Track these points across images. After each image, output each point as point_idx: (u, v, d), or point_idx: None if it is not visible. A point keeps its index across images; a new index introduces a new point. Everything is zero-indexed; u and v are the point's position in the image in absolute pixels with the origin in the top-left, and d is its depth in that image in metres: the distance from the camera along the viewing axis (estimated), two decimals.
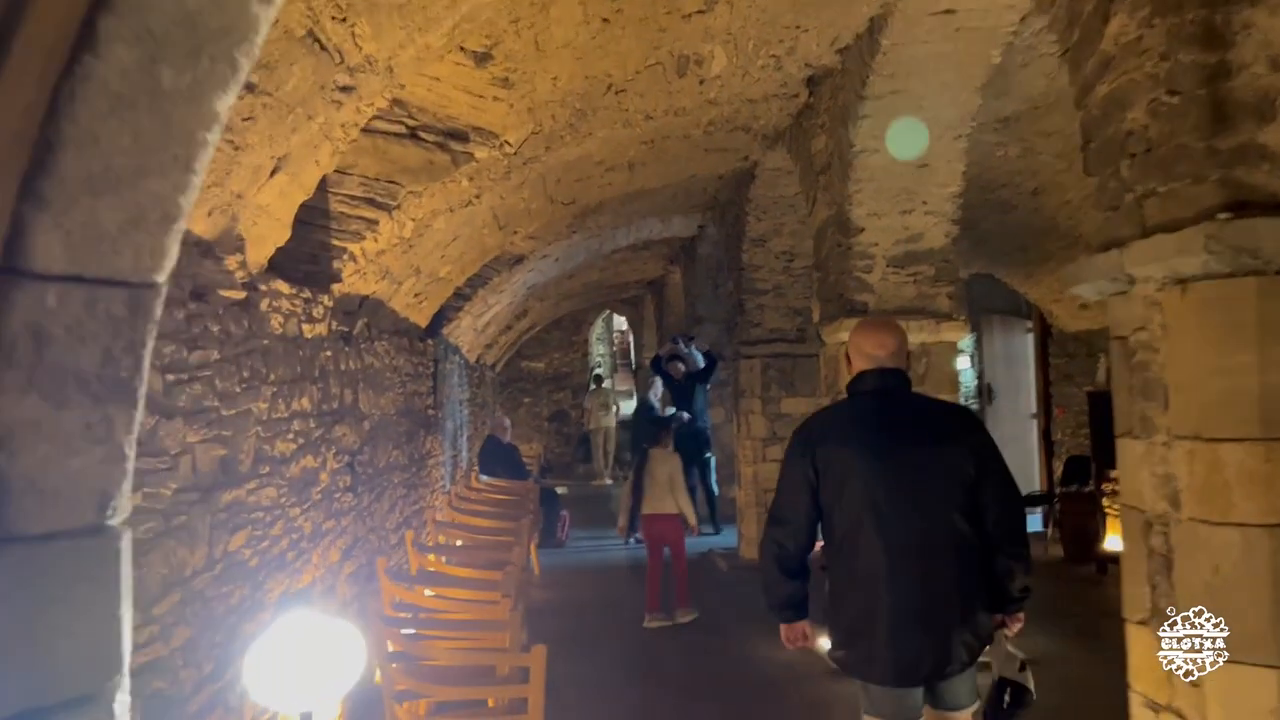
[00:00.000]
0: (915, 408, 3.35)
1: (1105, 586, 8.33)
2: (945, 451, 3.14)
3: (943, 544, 3.09)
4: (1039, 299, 10.88)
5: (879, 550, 3.07)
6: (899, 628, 3.05)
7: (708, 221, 11.37)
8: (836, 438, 3.22)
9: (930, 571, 3.07)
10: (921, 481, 3.11)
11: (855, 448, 3.16)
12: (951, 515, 3.10)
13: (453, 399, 10.66)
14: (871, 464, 3.12)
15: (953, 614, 3.11)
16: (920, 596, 3.06)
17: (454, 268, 7.41)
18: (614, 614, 7.83)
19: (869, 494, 3.10)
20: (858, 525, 3.11)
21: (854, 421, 3.27)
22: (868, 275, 6.27)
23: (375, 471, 5.98)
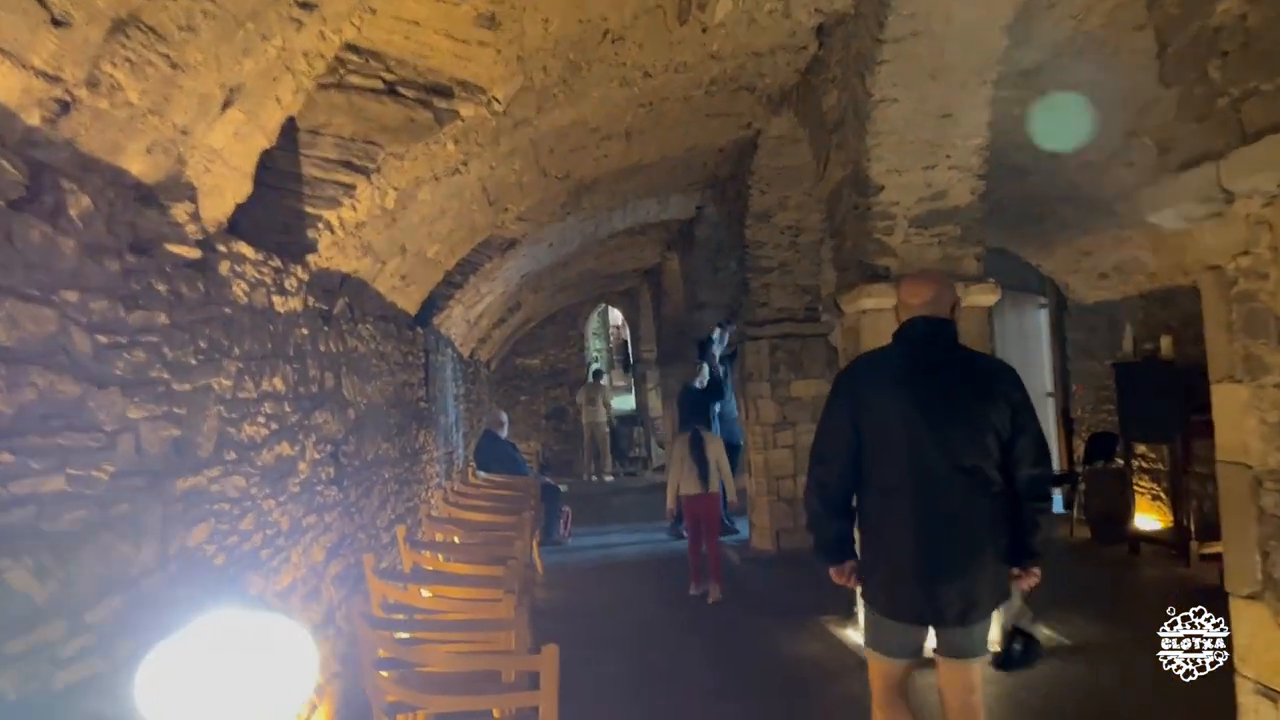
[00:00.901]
0: (957, 358, 3.38)
1: (1140, 568, 7.90)
2: (983, 404, 3.19)
3: (973, 493, 3.14)
4: (1054, 271, 10.43)
5: (912, 495, 3.15)
6: (929, 571, 3.12)
7: (706, 202, 10.91)
8: (877, 381, 3.32)
9: (960, 519, 3.13)
10: (957, 430, 3.16)
11: (894, 392, 3.24)
12: (984, 466, 3.15)
13: (446, 393, 10.18)
14: (909, 409, 3.18)
15: (980, 562, 3.15)
16: (949, 542, 3.13)
17: (442, 247, 6.95)
18: (625, 614, 7.37)
19: (906, 438, 3.17)
20: (893, 468, 3.19)
21: (895, 367, 3.35)
22: (889, 238, 5.82)
23: (363, 464, 5.51)
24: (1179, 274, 8.58)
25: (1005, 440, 3.17)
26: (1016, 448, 3.19)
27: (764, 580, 8.15)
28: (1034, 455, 3.22)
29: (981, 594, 3.16)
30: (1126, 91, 6.67)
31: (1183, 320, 8.55)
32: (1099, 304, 9.98)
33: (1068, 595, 6.88)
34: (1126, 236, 8.79)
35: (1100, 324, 10.00)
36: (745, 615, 7.02)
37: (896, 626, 3.26)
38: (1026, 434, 3.21)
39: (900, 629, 3.26)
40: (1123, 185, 8.09)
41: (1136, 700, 4.83)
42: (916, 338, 3.35)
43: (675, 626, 6.87)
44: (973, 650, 3.25)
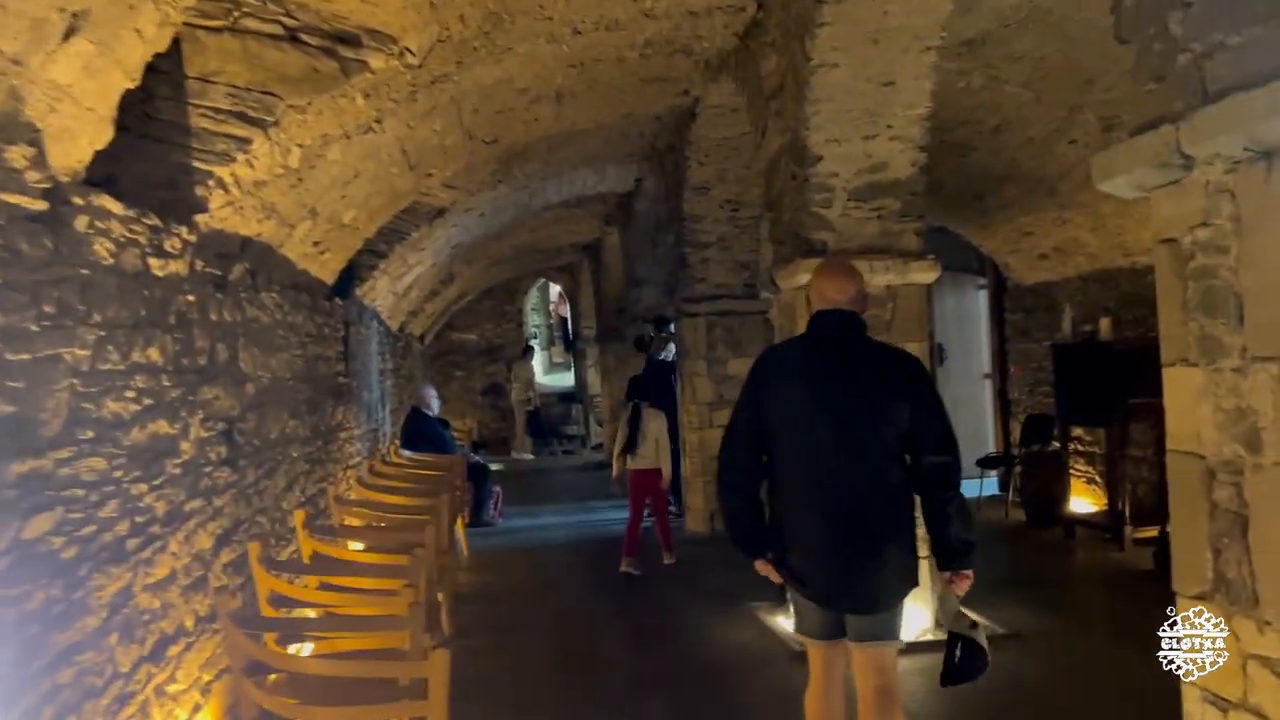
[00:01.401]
0: (864, 353, 3.38)
1: (1075, 551, 7.83)
2: (886, 398, 3.22)
3: (876, 484, 3.19)
4: (994, 251, 10.33)
5: (817, 486, 3.21)
6: (835, 560, 3.18)
7: (645, 174, 10.60)
8: (786, 374, 3.36)
9: (863, 510, 3.17)
10: (860, 425, 3.20)
11: (802, 386, 3.28)
12: (885, 460, 3.20)
13: (370, 368, 9.77)
14: (816, 403, 3.23)
15: (883, 552, 3.17)
16: (853, 533, 3.16)
17: (360, 213, 6.55)
18: (551, 598, 7.09)
19: (813, 431, 3.22)
20: (801, 460, 3.25)
21: (805, 361, 3.39)
22: (826, 211, 5.57)
23: (265, 443, 5.13)
24: (1119, 255, 8.50)
25: (907, 431, 3.20)
26: (919, 438, 3.21)
27: (696, 564, 7.92)
28: (936, 444, 3.22)
29: (886, 584, 3.20)
30: (1072, 65, 6.50)
31: (1121, 302, 8.48)
32: (1038, 285, 9.90)
33: (1002, 580, 6.75)
34: (1067, 217, 8.68)
35: (1039, 305, 9.93)
36: (675, 600, 6.79)
37: (814, 608, 3.30)
38: (929, 424, 3.22)
39: (818, 611, 3.30)
40: (1065, 163, 7.96)
41: (1069, 691, 4.68)
42: (830, 331, 3.37)
43: (602, 611, 6.61)
44: (882, 635, 3.26)
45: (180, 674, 3.62)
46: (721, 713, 4.63)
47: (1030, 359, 10.07)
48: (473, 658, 5.58)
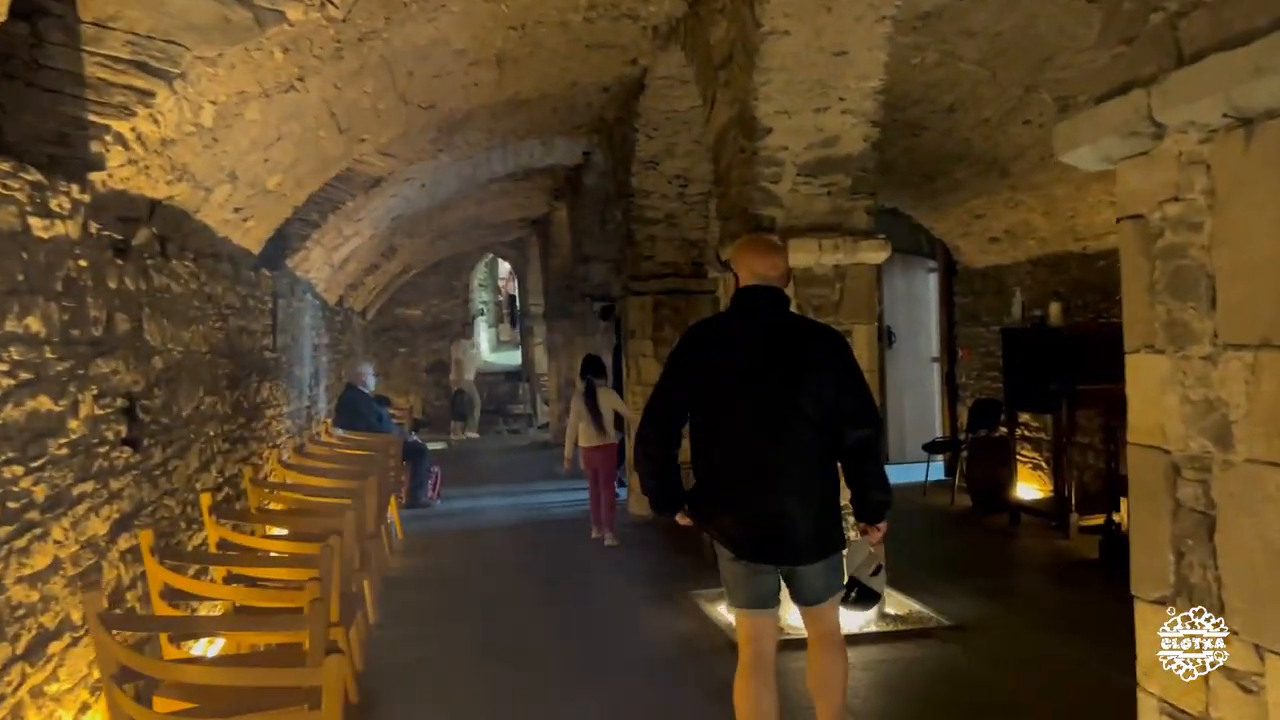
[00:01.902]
0: (789, 327, 3.50)
1: (1020, 538, 7.75)
2: (810, 371, 3.34)
3: (797, 457, 3.29)
4: (945, 233, 10.21)
5: (741, 456, 3.31)
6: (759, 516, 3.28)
7: (594, 147, 10.30)
8: (713, 347, 3.46)
9: (788, 473, 3.28)
10: (784, 399, 3.29)
11: (729, 359, 3.38)
12: (808, 432, 3.30)
13: (304, 342, 9.41)
14: (742, 377, 3.33)
15: (806, 510, 3.29)
16: (777, 493, 3.26)
17: (286, 179, 6.19)
18: (485, 583, 6.83)
19: (736, 404, 3.32)
20: (724, 431, 3.34)
21: (732, 335, 3.47)
22: (775, 186, 5.35)
23: (175, 421, 4.80)
24: (1070, 240, 8.41)
25: (831, 403, 3.31)
26: (842, 409, 3.32)
27: (637, 548, 7.72)
28: (858, 416, 3.35)
29: (814, 534, 3.29)
30: (1029, 40, 6.33)
31: (1071, 287, 8.39)
32: (989, 268, 9.80)
33: (946, 568, 6.65)
34: (1019, 199, 8.57)
35: (989, 289, 9.83)
36: (614, 586, 6.58)
37: (745, 574, 3.35)
38: (851, 396, 3.35)
39: (748, 576, 3.35)
40: (1019, 144, 7.82)
41: (1013, 686, 4.55)
42: (758, 306, 3.47)
43: (537, 597, 6.37)
44: (824, 596, 3.41)
45: (64, 672, 3.32)
46: (652, 708, 4.43)
47: (979, 343, 9.98)
48: (398, 646, 5.32)
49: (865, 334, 5.44)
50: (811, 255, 5.30)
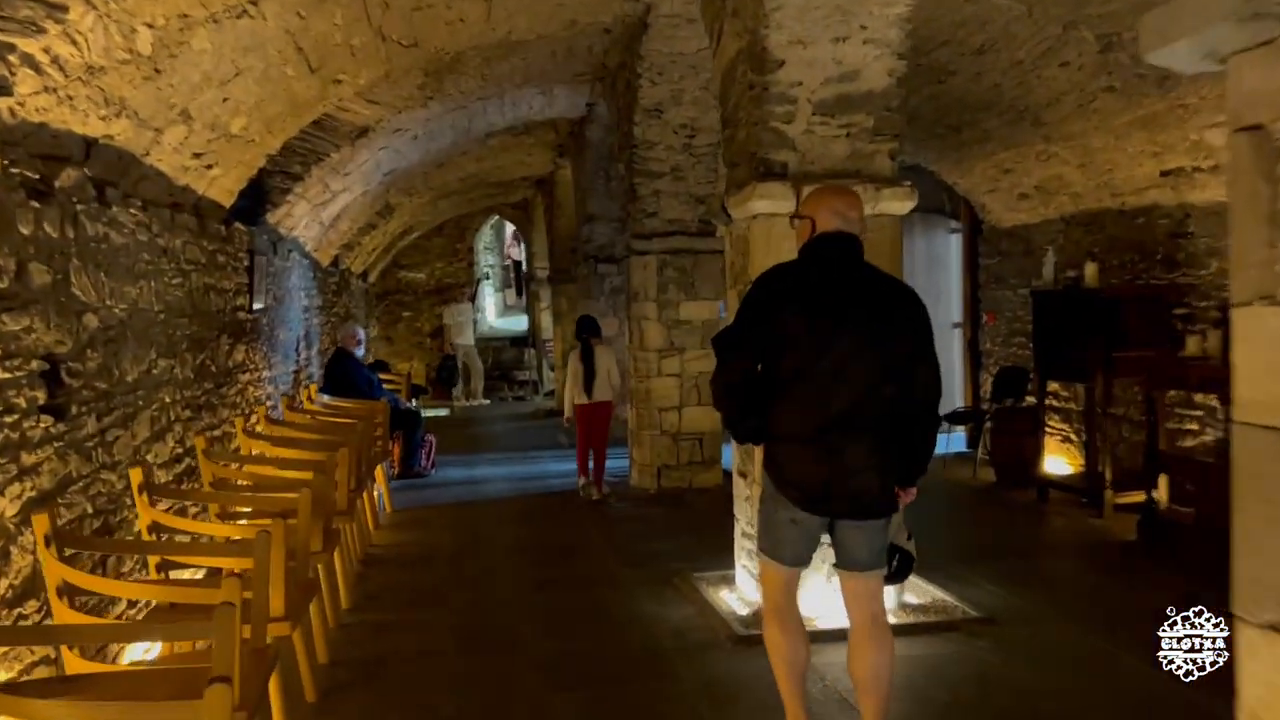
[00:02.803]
0: (867, 278, 3.36)
1: (1049, 516, 7.22)
2: (889, 325, 3.25)
3: (877, 410, 3.22)
4: (970, 190, 9.60)
5: (819, 407, 3.21)
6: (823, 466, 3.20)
7: (597, 99, 9.71)
8: (794, 295, 3.30)
9: (864, 432, 3.21)
10: (868, 352, 3.21)
11: (810, 309, 3.25)
12: (886, 387, 3.23)
13: (291, 304, 8.92)
14: (826, 327, 3.22)
15: (878, 468, 3.23)
16: (851, 447, 3.19)
17: (253, 123, 5.65)
18: (472, 563, 6.36)
19: (819, 354, 3.21)
20: (802, 381, 3.23)
21: (813, 283, 3.31)
22: (787, 126, 4.78)
23: (117, 387, 4.31)
24: (1107, 195, 7.79)
25: (905, 359, 3.23)
26: (917, 375, 3.25)
27: (638, 524, 7.23)
28: (932, 385, 3.29)
29: (878, 493, 3.24)
30: None
31: (1108, 246, 7.80)
32: (1017, 227, 9.20)
33: (970, 549, 6.15)
34: (1052, 152, 7.95)
35: (1016, 249, 9.24)
36: (609, 567, 6.09)
37: (798, 531, 3.30)
38: (926, 363, 3.27)
39: (801, 534, 3.31)
40: (1054, 90, 7.20)
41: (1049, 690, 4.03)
42: (834, 255, 3.32)
43: (527, 579, 5.89)
44: (873, 564, 3.32)
45: None
46: (641, 710, 3.94)
47: (1005, 307, 9.41)
48: (370, 635, 4.86)
49: None
50: None
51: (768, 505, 3.40)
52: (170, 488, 4.38)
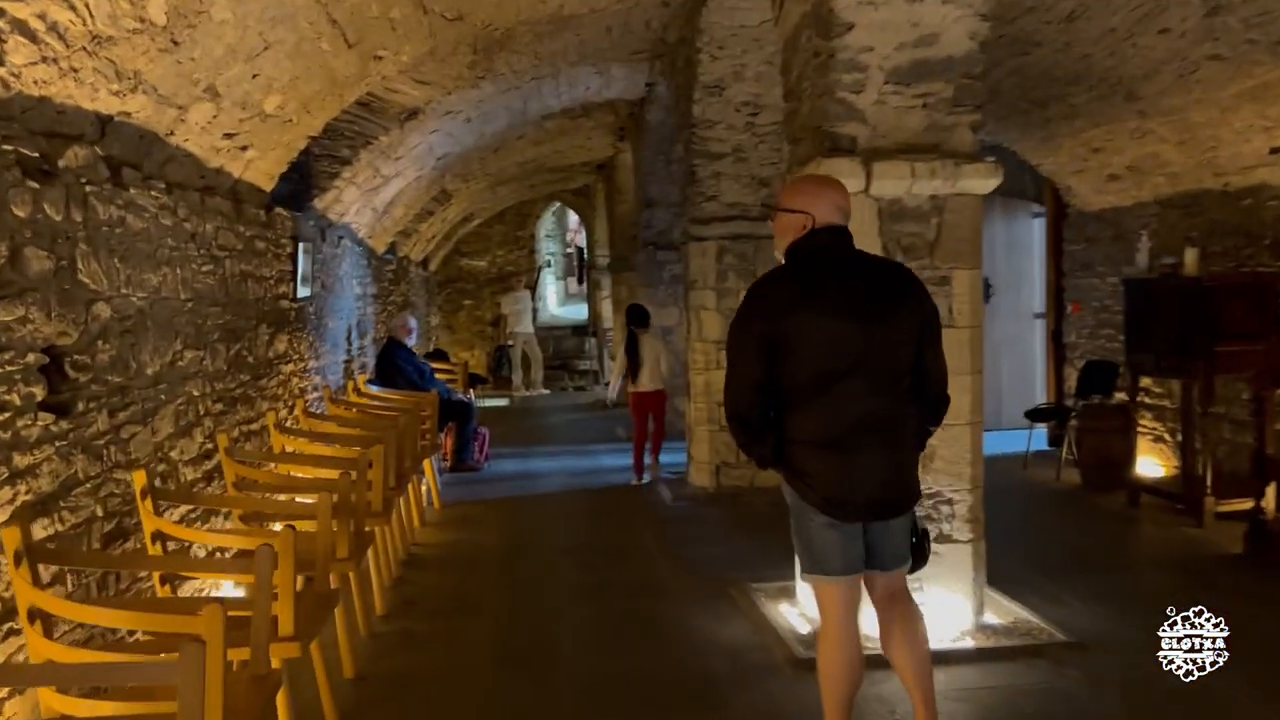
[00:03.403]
0: (865, 268, 3.24)
1: (1141, 524, 6.65)
2: (901, 314, 3.13)
3: (900, 405, 3.13)
4: (1055, 171, 8.98)
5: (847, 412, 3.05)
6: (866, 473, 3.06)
7: (656, 78, 9.31)
8: (798, 303, 3.08)
9: (890, 431, 3.10)
10: (887, 348, 3.09)
11: (822, 310, 3.07)
12: (904, 379, 3.14)
13: (342, 292, 8.71)
14: (844, 328, 3.05)
15: (904, 466, 3.16)
16: (873, 450, 3.06)
17: (288, 101, 5.37)
18: (518, 566, 6.03)
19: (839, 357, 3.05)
20: (822, 384, 3.06)
21: (815, 284, 3.12)
22: (857, 97, 4.33)
23: (134, 380, 4.06)
24: (1208, 175, 7.15)
25: (917, 348, 3.14)
26: (930, 363, 3.19)
27: (693, 526, 6.84)
28: (941, 374, 3.24)
29: (906, 488, 3.18)
30: None
31: (1208, 231, 7.17)
32: (1106, 211, 8.57)
33: (1055, 560, 5.65)
34: (1148, 128, 7.32)
35: (1104, 234, 8.60)
36: (661, 575, 5.71)
37: (840, 540, 3.11)
38: (934, 349, 3.21)
39: (843, 542, 3.11)
40: (1151, 60, 6.60)
41: None
42: (829, 248, 3.18)
43: (574, 587, 5.53)
44: (901, 558, 3.23)
45: None
46: None
47: (1092, 296, 8.78)
48: (402, 647, 4.56)
49: (967, 281, 4.43)
50: (902, 183, 4.29)
51: (799, 519, 3.19)
52: (186, 490, 4.10)
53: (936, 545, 4.37)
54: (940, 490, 4.39)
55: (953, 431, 4.37)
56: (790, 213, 3.23)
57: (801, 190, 3.29)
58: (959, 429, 4.39)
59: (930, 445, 4.31)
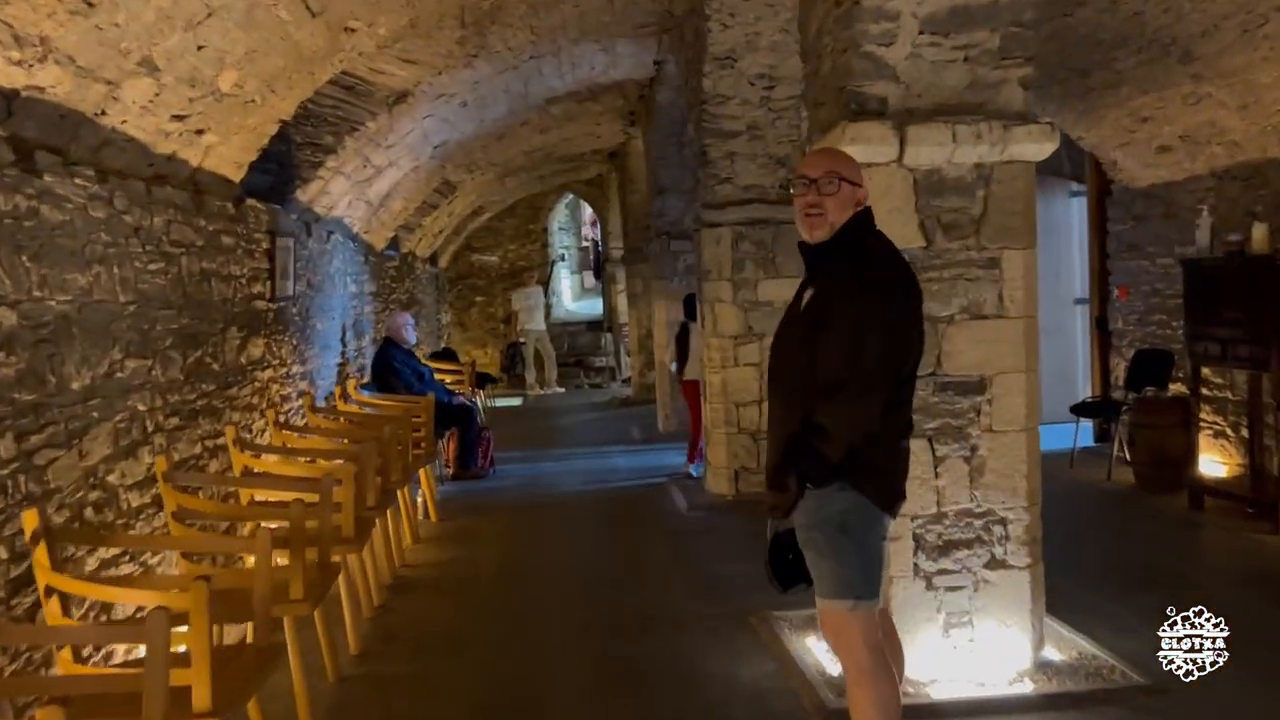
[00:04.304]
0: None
1: (1208, 530, 6.00)
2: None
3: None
4: (1098, 144, 8.29)
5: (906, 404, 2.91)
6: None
7: (665, 55, 8.70)
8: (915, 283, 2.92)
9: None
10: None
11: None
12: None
13: (333, 291, 8.17)
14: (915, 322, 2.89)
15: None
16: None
17: (246, 76, 4.80)
18: (514, 591, 5.45)
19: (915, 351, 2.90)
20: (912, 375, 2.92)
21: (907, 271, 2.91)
22: (886, 50, 3.71)
23: (53, 398, 3.52)
24: (1274, 142, 6.46)
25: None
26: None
27: (710, 539, 6.24)
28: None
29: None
30: None
31: (1274, 205, 6.48)
32: (1155, 186, 7.88)
33: (1115, 576, 5.03)
34: (1204, 93, 6.64)
35: (1154, 212, 7.91)
36: (673, 597, 5.13)
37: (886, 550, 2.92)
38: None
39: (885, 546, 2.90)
40: (1210, 16, 5.92)
41: None
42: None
43: (574, 620, 4.91)
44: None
45: None
46: None
47: (1141, 280, 8.09)
48: (374, 697, 3.98)
49: (1020, 263, 3.81)
50: (941, 150, 3.67)
51: (864, 535, 2.77)
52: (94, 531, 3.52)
53: (987, 572, 3.78)
54: (992, 508, 3.77)
55: (1005, 439, 3.76)
56: (853, 184, 2.84)
57: (849, 162, 2.95)
58: (1013, 436, 3.78)
59: (980, 455, 3.72)
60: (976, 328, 3.74)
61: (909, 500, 3.64)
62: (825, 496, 2.73)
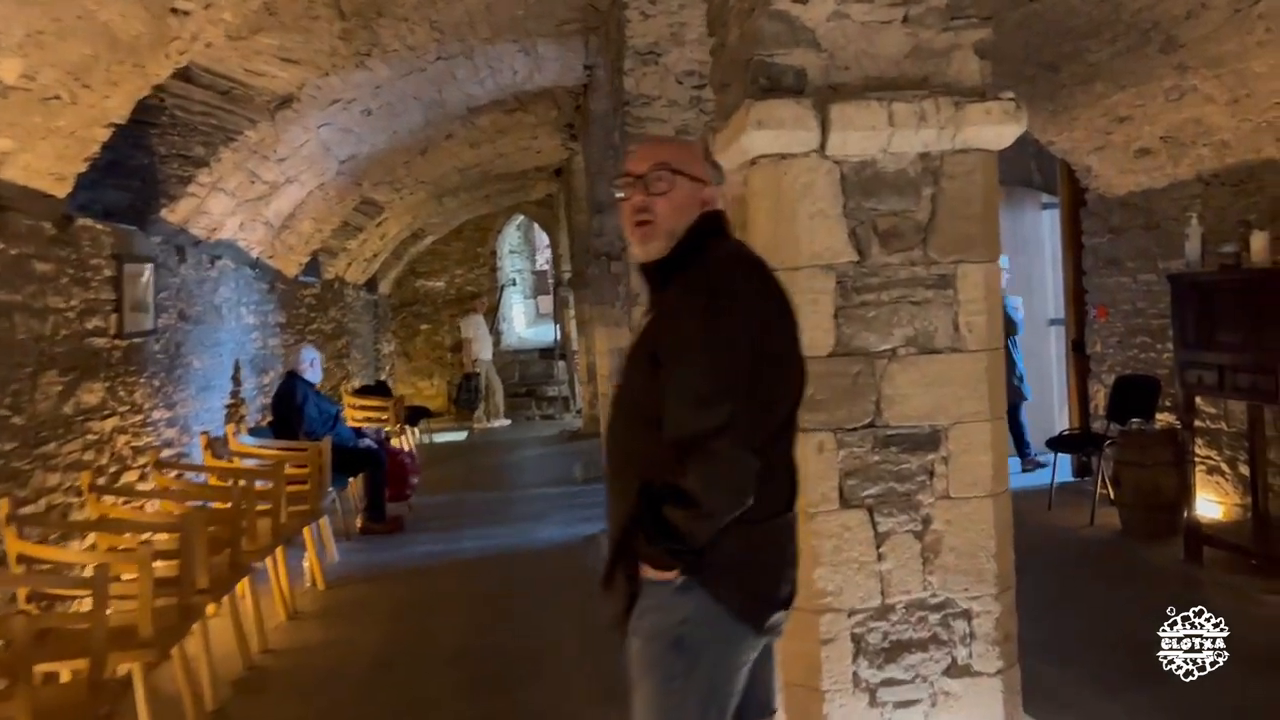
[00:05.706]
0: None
1: (1210, 590, 5.15)
2: None
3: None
4: (1070, 150, 7.53)
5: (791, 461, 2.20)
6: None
7: (595, 58, 7.90)
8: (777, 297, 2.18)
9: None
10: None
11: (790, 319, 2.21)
12: None
13: (220, 324, 7.26)
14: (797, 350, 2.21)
15: None
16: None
17: (38, 66, 3.92)
18: (392, 684, 4.49)
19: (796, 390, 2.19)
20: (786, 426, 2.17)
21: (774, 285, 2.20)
22: (804, 8, 2.88)
23: None
24: (1270, 141, 5.70)
25: None
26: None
27: None
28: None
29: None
30: None
31: (1270, 212, 5.71)
32: (1134, 194, 7.11)
33: (1111, 657, 4.18)
34: (1189, 86, 5.88)
35: (1134, 223, 7.15)
36: (573, 696, 4.23)
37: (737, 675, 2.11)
38: None
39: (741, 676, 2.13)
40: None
41: None
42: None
43: None
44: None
45: None
46: None
47: (1121, 298, 7.31)
48: None
49: (980, 280, 2.95)
50: (875, 136, 2.83)
51: (708, 658, 2.04)
52: None
53: (948, 681, 2.91)
54: (951, 597, 2.91)
55: (967, 508, 2.90)
56: (698, 181, 2.17)
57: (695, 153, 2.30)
58: (976, 504, 2.92)
59: (934, 530, 2.87)
60: (926, 364, 2.89)
61: (843, 592, 2.81)
62: (661, 596, 1.96)
